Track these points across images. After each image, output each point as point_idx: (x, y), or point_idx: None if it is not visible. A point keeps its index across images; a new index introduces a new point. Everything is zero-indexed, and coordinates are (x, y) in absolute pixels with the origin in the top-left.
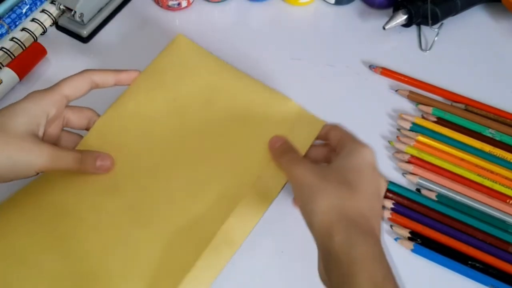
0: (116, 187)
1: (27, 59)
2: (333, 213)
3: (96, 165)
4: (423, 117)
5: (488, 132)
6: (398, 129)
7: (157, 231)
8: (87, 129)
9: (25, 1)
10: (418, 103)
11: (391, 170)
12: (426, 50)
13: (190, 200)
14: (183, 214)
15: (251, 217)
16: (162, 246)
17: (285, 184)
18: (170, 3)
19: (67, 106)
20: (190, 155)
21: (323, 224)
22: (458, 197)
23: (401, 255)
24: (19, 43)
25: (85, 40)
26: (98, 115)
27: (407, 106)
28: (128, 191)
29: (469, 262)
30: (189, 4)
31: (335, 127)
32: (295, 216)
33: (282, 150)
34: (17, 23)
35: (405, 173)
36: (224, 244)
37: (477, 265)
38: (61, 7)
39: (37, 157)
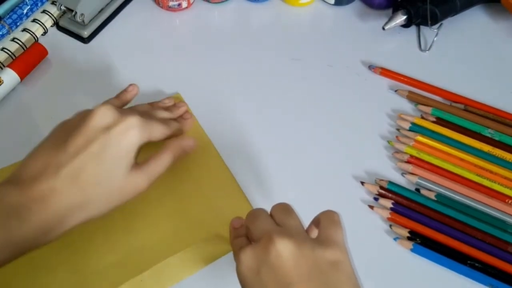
0: None
1: (28, 60)
2: None
3: (185, 150)
4: (422, 117)
5: (487, 132)
6: (398, 129)
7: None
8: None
9: (26, 2)
10: (417, 103)
11: (390, 170)
12: (425, 51)
13: (146, 227)
14: (135, 237)
15: (188, 267)
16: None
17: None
18: (171, 3)
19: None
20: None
21: None
22: (457, 197)
23: (400, 255)
24: (20, 43)
25: (85, 40)
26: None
27: (407, 106)
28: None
29: (468, 262)
30: (189, 5)
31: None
32: None
33: (236, 234)
34: (18, 23)
35: (404, 173)
36: (152, 280)
37: (476, 264)
38: (62, 7)
39: (137, 187)
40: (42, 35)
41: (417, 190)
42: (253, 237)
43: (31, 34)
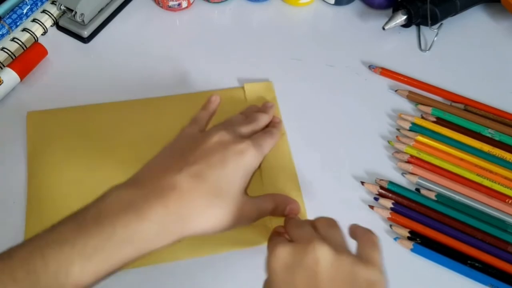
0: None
1: (28, 60)
2: None
3: (286, 210)
4: (422, 117)
5: (487, 132)
6: (398, 129)
7: None
8: None
9: (26, 2)
10: (417, 103)
11: (390, 170)
12: (425, 50)
13: None
14: None
15: (224, 245)
16: None
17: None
18: (171, 3)
19: None
20: None
21: None
22: (458, 197)
23: (400, 255)
24: (20, 43)
25: (85, 40)
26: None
27: (407, 106)
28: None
29: (469, 262)
30: (189, 4)
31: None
32: None
33: (276, 234)
34: (18, 23)
35: (404, 173)
36: (188, 246)
37: (476, 264)
38: (62, 7)
39: (247, 218)
40: (42, 35)
41: (417, 190)
42: (291, 239)
43: (31, 34)
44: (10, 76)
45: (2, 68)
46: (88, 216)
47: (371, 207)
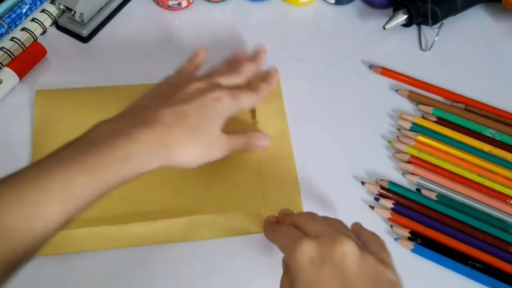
0: None
1: (27, 59)
2: None
3: (257, 144)
4: (423, 117)
5: (488, 132)
6: (398, 129)
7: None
8: None
9: (25, 1)
10: (418, 103)
11: (391, 170)
12: (426, 50)
13: (196, 185)
14: (183, 188)
15: (218, 231)
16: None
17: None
18: (170, 3)
19: None
20: None
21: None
22: (458, 197)
23: (401, 255)
24: (19, 43)
25: (85, 40)
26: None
27: (407, 106)
28: None
29: (469, 262)
30: (189, 4)
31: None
32: None
33: (269, 224)
34: (17, 23)
35: (405, 173)
36: (182, 228)
37: (477, 265)
38: (61, 7)
39: (222, 151)
40: (41, 34)
41: (418, 190)
42: (308, 234)
43: (30, 34)
44: (9, 75)
45: (1, 68)
46: (82, 143)
47: (372, 207)
